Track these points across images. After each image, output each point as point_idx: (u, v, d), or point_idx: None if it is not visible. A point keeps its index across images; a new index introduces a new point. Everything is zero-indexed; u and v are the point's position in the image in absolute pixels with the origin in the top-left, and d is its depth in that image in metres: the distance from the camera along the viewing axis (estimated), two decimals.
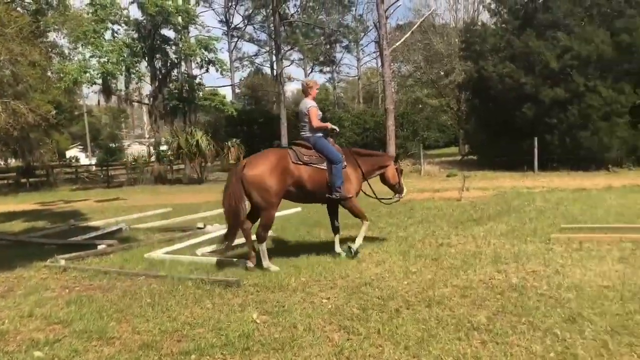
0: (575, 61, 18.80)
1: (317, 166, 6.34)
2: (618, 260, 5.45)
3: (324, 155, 6.40)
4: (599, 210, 8.89)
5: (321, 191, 6.40)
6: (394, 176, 7.36)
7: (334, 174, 6.35)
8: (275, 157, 6.22)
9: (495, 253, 6.09)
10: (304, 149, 6.43)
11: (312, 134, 6.51)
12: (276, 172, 6.06)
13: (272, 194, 6.05)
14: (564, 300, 4.28)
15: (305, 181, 6.27)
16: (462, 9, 40.24)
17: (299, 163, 6.26)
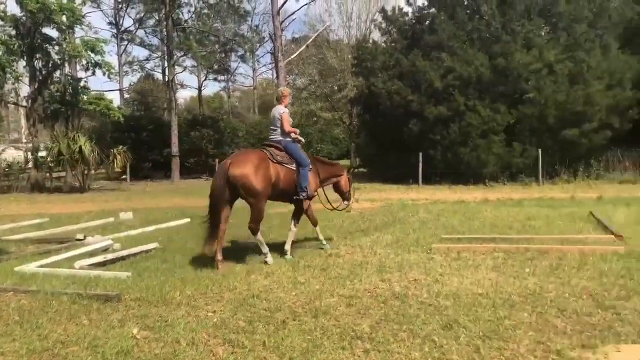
0: (457, 81, 20.00)
1: (288, 166, 6.92)
2: (491, 269, 5.81)
3: (293, 158, 6.98)
4: (476, 222, 9.47)
5: (290, 190, 6.99)
6: (345, 185, 8.04)
7: (301, 175, 6.95)
8: (257, 155, 6.68)
9: (381, 262, 6.27)
10: (276, 150, 6.95)
11: (283, 137, 7.11)
12: (261, 169, 6.51)
13: (258, 189, 6.45)
14: (442, 308, 4.48)
15: (280, 180, 6.79)
16: (355, 26, 41.45)
17: (276, 162, 6.79)
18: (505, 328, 3.95)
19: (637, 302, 4.46)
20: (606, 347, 3.52)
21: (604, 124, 19.46)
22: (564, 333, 3.82)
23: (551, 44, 20.15)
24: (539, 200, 13.43)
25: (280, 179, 6.79)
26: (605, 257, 6.10)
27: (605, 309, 4.29)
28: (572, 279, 5.24)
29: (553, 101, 18.90)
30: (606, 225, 8.31)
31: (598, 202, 12.41)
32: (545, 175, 19.32)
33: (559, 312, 4.26)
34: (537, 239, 7.41)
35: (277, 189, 6.82)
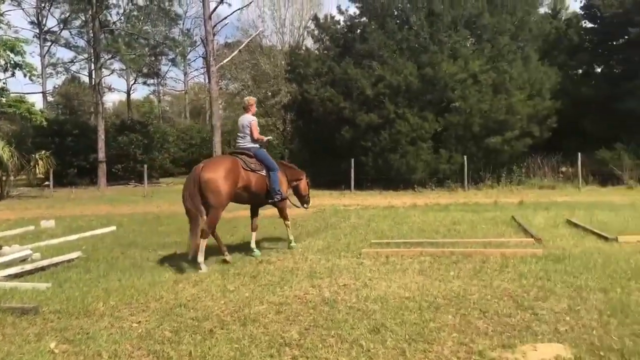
0: (387, 89, 20.42)
1: (260, 173, 7.33)
2: (418, 273, 5.94)
3: (263, 164, 7.43)
4: (405, 227, 9.68)
5: (261, 194, 7.45)
6: (305, 188, 8.58)
7: (272, 179, 7.42)
8: (229, 163, 6.94)
9: (311, 268, 6.29)
10: (247, 157, 7.31)
11: (252, 145, 7.52)
12: (230, 177, 6.77)
13: (224, 196, 6.72)
14: (370, 312, 4.54)
15: (252, 185, 7.18)
16: (288, 33, 41.56)
17: (248, 169, 7.15)
18: (430, 330, 4.05)
19: (553, 302, 4.68)
20: (524, 346, 3.67)
21: (525, 132, 20.44)
22: (486, 334, 3.96)
23: (476, 54, 20.97)
24: (464, 205, 13.89)
25: (252, 185, 7.18)
26: (525, 259, 6.37)
27: (524, 310, 4.48)
28: (494, 281, 5.44)
29: (477, 110, 19.65)
30: (526, 229, 8.71)
31: (519, 206, 12.98)
32: (470, 181, 20.06)
33: (481, 314, 4.41)
34: (461, 242, 7.65)
35: (250, 194, 7.26)
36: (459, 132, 20.26)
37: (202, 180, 6.63)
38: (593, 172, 20.41)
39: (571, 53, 25.03)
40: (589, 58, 25.01)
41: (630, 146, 20.35)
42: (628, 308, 4.35)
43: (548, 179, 20.42)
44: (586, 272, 5.62)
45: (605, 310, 4.34)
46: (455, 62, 20.30)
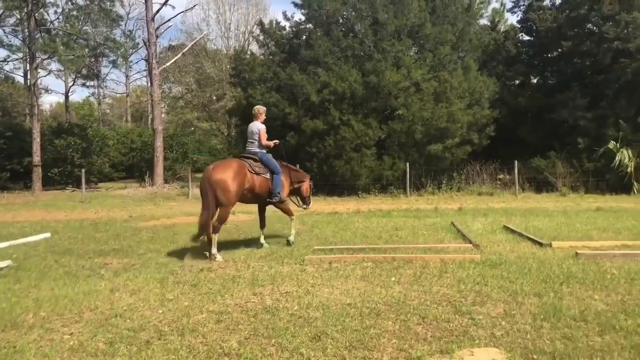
0: (332, 96, 20.55)
1: (264, 176, 8.00)
2: (360, 279, 5.97)
3: (267, 168, 8.09)
4: (348, 233, 9.74)
5: (264, 195, 8.12)
6: (307, 190, 9.10)
7: (275, 182, 8.08)
8: (236, 165, 7.67)
9: (253, 276, 6.22)
10: (253, 161, 8.00)
11: (259, 150, 8.20)
12: (237, 178, 7.52)
13: (232, 195, 7.48)
14: (311, 319, 4.52)
15: (256, 187, 7.88)
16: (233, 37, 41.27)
17: (253, 172, 7.83)
18: (370, 337, 4.06)
19: (490, 307, 4.79)
20: (462, 351, 3.74)
21: (464, 139, 20.99)
22: (425, 339, 4.01)
23: (418, 63, 21.41)
24: (406, 211, 14.12)
25: (256, 187, 7.89)
26: (464, 264, 6.52)
27: (462, 315, 4.57)
28: (434, 286, 5.53)
29: (420, 118, 20.03)
30: (465, 234, 8.93)
31: (459, 212, 13.31)
32: (412, 187, 20.43)
33: (420, 319, 4.47)
34: (403, 248, 7.76)
35: (254, 195, 8.00)
36: (402, 139, 20.60)
37: (213, 181, 7.40)
38: (529, 180, 21.20)
39: (508, 64, 25.95)
40: (525, 69, 25.99)
41: (563, 154, 21.27)
42: (560, 312, 4.50)
43: (486, 186, 21.04)
44: (521, 277, 5.79)
45: (538, 315, 4.48)
46: (398, 70, 20.65)
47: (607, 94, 21.76)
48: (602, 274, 5.82)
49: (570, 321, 4.30)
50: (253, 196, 8.02)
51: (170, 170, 27.75)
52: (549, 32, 23.69)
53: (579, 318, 4.36)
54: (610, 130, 20.46)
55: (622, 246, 7.56)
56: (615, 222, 10.49)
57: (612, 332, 4.02)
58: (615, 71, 21.30)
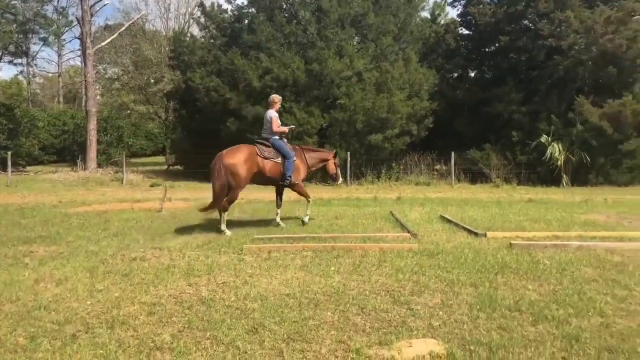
0: (274, 82, 20.33)
1: (274, 160, 8.63)
2: (300, 268, 5.88)
3: (279, 152, 8.70)
4: (288, 221, 9.62)
5: (276, 178, 8.74)
6: (332, 168, 9.70)
7: (286, 166, 8.68)
8: (246, 150, 8.42)
9: (189, 265, 6.01)
10: (265, 146, 8.69)
11: (271, 136, 8.83)
12: (246, 163, 8.25)
13: (241, 178, 8.24)
14: (248, 311, 4.39)
15: (267, 171, 8.53)
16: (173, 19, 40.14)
17: (262, 157, 8.50)
18: (309, 329, 3.98)
19: (428, 297, 4.81)
20: (400, 342, 3.71)
21: (404, 130, 21.29)
22: (363, 331, 3.96)
23: (361, 53, 21.48)
24: (346, 200, 14.17)
25: (266, 170, 8.53)
26: (402, 254, 6.55)
27: (400, 305, 4.56)
28: (373, 275, 5.52)
29: (361, 107, 20.14)
30: (403, 224, 9.01)
31: (397, 202, 13.47)
32: (352, 177, 20.56)
33: (359, 310, 4.43)
34: (342, 237, 7.73)
35: (264, 178, 8.66)
36: (344, 129, 20.66)
37: (223, 165, 8.13)
38: (464, 171, 21.77)
39: (448, 57, 26.47)
40: (463, 63, 26.59)
41: (498, 147, 21.95)
42: (495, 302, 4.57)
43: (424, 176, 21.46)
44: (458, 267, 5.86)
45: (475, 305, 4.53)
46: (341, 59, 20.65)
47: (541, 90, 22.58)
48: (534, 264, 5.98)
49: (505, 311, 4.37)
50: (264, 179, 8.73)
51: (104, 154, 26.72)
52: (488, 26, 24.29)
53: (513, 308, 4.44)
54: (542, 125, 21.26)
55: (553, 237, 7.82)
56: (546, 213, 10.88)
57: (544, 322, 4.11)
58: (549, 67, 22.11)
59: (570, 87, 21.99)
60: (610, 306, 4.48)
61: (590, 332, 3.88)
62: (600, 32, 20.73)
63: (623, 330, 3.93)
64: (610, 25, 20.84)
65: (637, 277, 5.39)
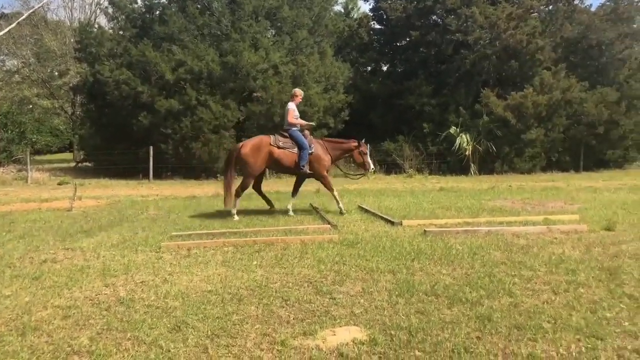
0: (188, 75, 19.90)
1: (290, 150, 9.23)
2: (221, 264, 5.83)
3: (295, 143, 9.25)
4: (208, 217, 9.49)
5: (291, 167, 9.35)
6: (358, 157, 9.90)
7: (300, 156, 9.23)
8: (259, 141, 9.27)
9: (105, 266, 5.79)
10: (282, 136, 9.33)
11: (289, 127, 9.36)
12: (258, 153, 9.14)
13: (253, 167, 9.24)
14: (170, 310, 4.31)
15: (281, 160, 9.25)
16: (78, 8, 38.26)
17: (276, 146, 9.19)
18: (233, 324, 3.97)
19: (349, 285, 4.92)
20: (324, 331, 3.78)
21: (321, 123, 21.50)
22: (288, 322, 4.00)
23: (276, 46, 21.45)
24: (267, 194, 14.11)
25: (281, 160, 9.23)
26: (323, 245, 6.64)
27: (323, 295, 4.64)
28: (295, 268, 5.57)
29: (278, 100, 20.13)
30: (323, 215, 9.14)
31: (317, 194, 13.60)
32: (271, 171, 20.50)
33: (283, 302, 4.46)
34: (264, 231, 7.73)
35: (280, 166, 9.50)
36: (261, 122, 20.58)
37: (238, 155, 9.21)
38: (379, 162, 22.33)
39: (361, 51, 27.00)
40: (377, 56, 27.22)
41: (410, 138, 22.69)
42: (413, 288, 4.75)
43: (342, 168, 21.76)
44: (377, 255, 6.03)
45: (394, 291, 4.68)
46: (256, 52, 20.53)
47: (449, 83, 23.55)
48: (448, 250, 6.26)
49: (423, 296, 4.55)
50: (280, 167, 9.57)
51: (5, 152, 25.05)
52: (399, 21, 24.98)
53: (430, 292, 4.63)
54: (451, 116, 22.21)
55: (464, 223, 8.20)
56: (456, 201, 11.39)
57: (459, 304, 4.32)
58: (456, 61, 23.08)
59: (476, 80, 23.10)
60: (517, 287, 4.78)
61: (500, 311, 4.12)
62: (503, 28, 21.92)
63: (530, 308, 4.21)
64: (512, 21, 22.07)
65: (540, 259, 5.79)
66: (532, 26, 22.41)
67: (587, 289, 4.67)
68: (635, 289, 4.63)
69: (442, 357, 3.32)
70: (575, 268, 5.34)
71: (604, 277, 5.01)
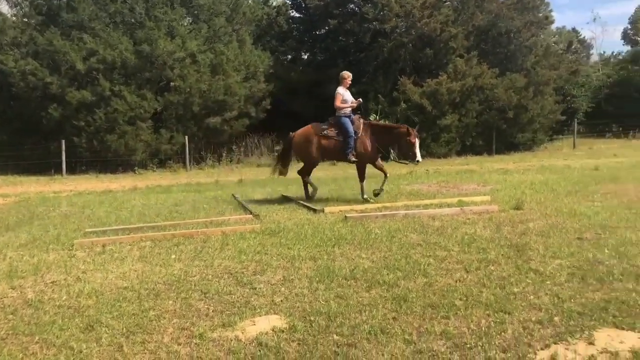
0: (101, 65, 19.08)
1: (334, 138, 9.03)
2: (138, 260, 5.65)
3: (340, 130, 8.98)
4: (124, 212, 9.17)
5: (339, 155, 9.24)
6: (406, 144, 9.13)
7: (344, 143, 8.89)
8: (305, 131, 9.39)
9: (12, 267, 5.47)
10: (329, 124, 9.24)
11: (338, 113, 9.14)
12: (306, 142, 9.23)
13: (305, 154, 9.40)
14: (83, 309, 4.13)
15: (327, 147, 9.16)
16: None
17: (320, 135, 9.12)
18: (150, 320, 3.86)
19: (270, 275, 4.92)
20: (244, 322, 3.76)
21: (242, 112, 21.32)
22: (207, 315, 3.94)
23: (193, 34, 20.96)
24: (186, 185, 13.86)
25: (327, 148, 9.14)
26: (245, 235, 6.59)
27: (243, 286, 4.61)
28: (215, 260, 5.49)
29: (197, 90, 19.74)
30: (245, 206, 9.06)
31: (239, 184, 13.50)
32: (192, 161, 20.15)
33: (202, 295, 4.39)
34: (183, 224, 7.57)
35: (328, 154, 9.51)
36: (180, 112, 20.12)
37: (291, 145, 9.58)
38: None
39: (281, 39, 26.90)
40: (296, 45, 27.21)
41: None
42: (333, 273, 4.81)
43: (265, 158, 21.70)
44: (298, 243, 6.06)
45: (314, 277, 4.73)
46: (172, 40, 19.98)
47: (368, 71, 23.92)
48: (367, 234, 6.39)
49: (342, 280, 4.62)
50: (329, 155, 9.59)
51: None
52: (317, 10, 25.05)
53: (349, 277, 4.71)
54: (371, 104, 22.56)
55: (382, 208, 8.39)
56: (375, 186, 11.61)
57: (377, 286, 4.43)
58: (375, 50, 23.47)
59: (394, 68, 23.60)
60: (432, 267, 4.95)
61: (416, 292, 4.26)
62: (418, 17, 22.49)
63: (443, 287, 4.37)
64: (426, 10, 22.70)
65: (454, 239, 6.02)
66: (445, 15, 23.14)
67: (497, 266, 4.91)
68: (540, 264, 4.91)
69: (359, 339, 3.39)
70: (486, 247, 5.60)
71: (512, 254, 5.29)
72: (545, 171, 14.02)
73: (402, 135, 9.10)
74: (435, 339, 3.38)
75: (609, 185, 10.20)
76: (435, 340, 3.37)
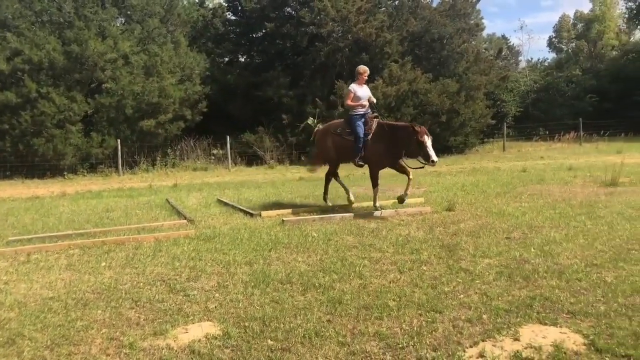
0: (26, 65, 18.25)
1: (347, 138, 8.33)
2: (65, 268, 5.43)
3: (351, 130, 8.26)
4: (52, 219, 8.79)
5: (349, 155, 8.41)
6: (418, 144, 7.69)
7: (355, 144, 8.18)
8: (327, 127, 9.20)
9: None
10: (340, 123, 8.79)
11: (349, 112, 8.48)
12: (323, 141, 8.90)
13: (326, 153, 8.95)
14: (4, 322, 3.92)
15: (342, 147, 8.47)
16: None
17: (336, 134, 8.61)
18: (77, 330, 3.72)
19: (204, 281, 4.83)
20: (176, 330, 3.68)
21: (178, 115, 20.90)
22: (137, 324, 3.83)
23: (126, 35, 20.40)
24: (118, 190, 13.45)
25: (342, 148, 8.46)
26: (178, 241, 6.46)
27: (176, 293, 4.51)
28: (147, 267, 5.35)
29: (130, 92, 19.21)
30: (180, 210, 8.88)
31: (174, 189, 13.21)
32: (125, 166, 19.57)
33: (133, 303, 4.26)
34: (114, 230, 7.33)
35: (341, 154, 8.64)
36: (112, 115, 19.50)
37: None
38: (240, 154, 22.22)
39: (217, 41, 26.56)
40: (233, 47, 26.93)
41: (270, 130, 22.83)
42: (269, 277, 4.79)
43: (201, 161, 21.36)
44: (234, 248, 5.99)
45: (250, 282, 4.68)
46: (104, 41, 19.36)
47: (306, 74, 24.00)
48: (304, 238, 6.39)
49: (278, 285, 4.60)
50: (342, 155, 8.68)
51: None
52: (254, 12, 24.91)
53: (285, 281, 4.70)
54: (309, 107, 22.68)
55: (320, 211, 8.44)
56: (314, 190, 11.65)
57: (312, 290, 4.44)
58: (312, 53, 23.58)
59: (331, 72, 23.78)
60: (367, 268, 5.01)
61: (351, 294, 4.30)
62: (354, 22, 22.77)
63: (377, 288, 4.43)
64: (362, 15, 23.01)
65: (389, 240, 6.12)
66: (380, 20, 23.54)
67: (429, 266, 5.03)
68: (470, 264, 5.07)
69: (293, 343, 3.39)
70: (419, 247, 5.73)
71: (444, 255, 5.43)
72: (477, 173, 14.50)
73: (410, 135, 7.77)
74: (368, 340, 3.42)
75: (535, 186, 10.66)
76: (369, 341, 3.41)
